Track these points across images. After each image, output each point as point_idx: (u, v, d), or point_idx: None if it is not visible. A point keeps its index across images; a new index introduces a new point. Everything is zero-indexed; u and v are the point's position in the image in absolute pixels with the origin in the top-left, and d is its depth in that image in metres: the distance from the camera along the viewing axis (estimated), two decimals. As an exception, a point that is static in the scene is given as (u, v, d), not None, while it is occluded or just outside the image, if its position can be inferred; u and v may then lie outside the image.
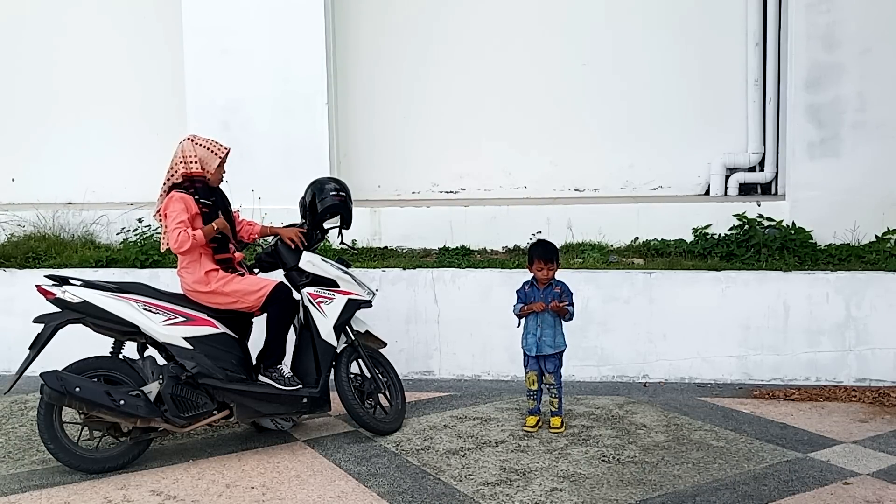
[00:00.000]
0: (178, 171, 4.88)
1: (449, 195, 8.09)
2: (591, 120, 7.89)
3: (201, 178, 4.91)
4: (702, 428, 5.22)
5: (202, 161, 4.91)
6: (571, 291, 5.21)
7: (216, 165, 4.96)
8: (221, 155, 4.99)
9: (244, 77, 7.38)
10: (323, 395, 4.99)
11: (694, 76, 7.76)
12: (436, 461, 4.72)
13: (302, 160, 7.24)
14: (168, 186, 4.91)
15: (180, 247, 4.69)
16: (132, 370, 4.70)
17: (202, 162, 4.91)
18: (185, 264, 4.86)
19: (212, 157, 4.94)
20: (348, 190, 5.32)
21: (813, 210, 6.75)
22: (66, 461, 4.54)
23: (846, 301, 6.09)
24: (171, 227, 4.72)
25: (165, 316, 4.71)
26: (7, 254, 6.91)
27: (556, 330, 5.16)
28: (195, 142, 4.95)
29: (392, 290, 6.44)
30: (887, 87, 6.68)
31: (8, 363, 6.40)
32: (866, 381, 6.09)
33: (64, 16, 8.44)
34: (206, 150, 4.93)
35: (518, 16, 7.94)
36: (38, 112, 8.51)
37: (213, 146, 4.97)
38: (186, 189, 4.85)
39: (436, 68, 8.05)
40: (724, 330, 6.20)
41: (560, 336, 5.18)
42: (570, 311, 5.17)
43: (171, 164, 4.93)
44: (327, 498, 4.26)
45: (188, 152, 4.90)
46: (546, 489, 4.31)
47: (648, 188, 7.88)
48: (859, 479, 4.40)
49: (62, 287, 4.61)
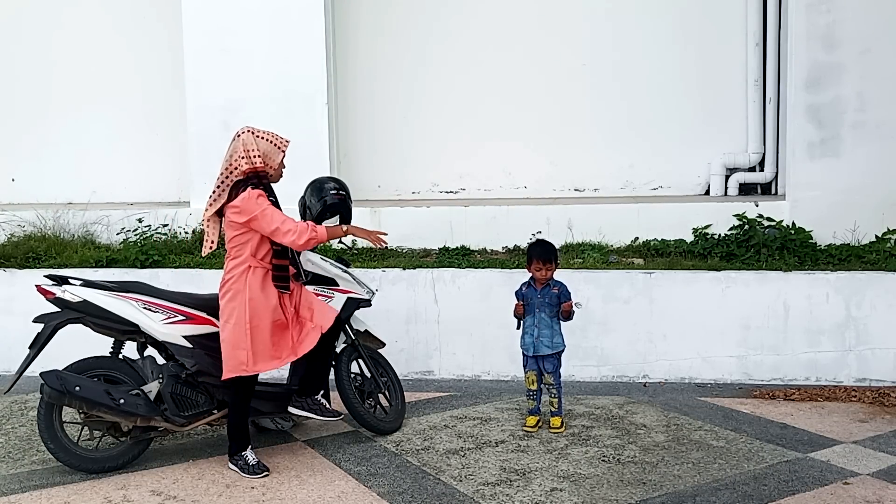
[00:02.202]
0: (238, 167, 4.41)
1: (449, 195, 8.09)
2: (591, 120, 7.89)
3: (264, 173, 4.49)
4: (702, 428, 5.22)
5: (265, 155, 4.45)
6: (570, 292, 5.20)
7: (279, 160, 4.55)
8: (284, 148, 4.54)
9: (244, 77, 7.38)
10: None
11: (694, 76, 7.76)
12: (436, 461, 4.72)
13: (302, 160, 7.17)
14: (228, 184, 4.44)
15: (299, 238, 4.34)
16: (132, 370, 4.70)
17: (265, 156, 4.45)
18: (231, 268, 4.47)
19: (275, 151, 4.51)
20: (348, 189, 5.32)
21: (813, 210, 6.75)
22: (66, 461, 4.53)
23: (846, 301, 6.09)
24: (278, 219, 4.34)
25: (165, 314, 4.70)
26: (7, 254, 6.91)
27: (553, 330, 5.15)
28: (256, 134, 4.46)
29: (392, 290, 6.44)
30: (887, 87, 6.68)
31: (8, 363, 6.39)
32: (866, 381, 6.09)
33: (63, 15, 8.45)
34: (269, 143, 4.48)
35: (518, 16, 7.94)
36: (38, 112, 8.52)
37: (276, 139, 4.52)
38: (255, 186, 4.40)
39: (436, 68, 8.05)
40: (724, 330, 6.20)
41: (558, 336, 5.17)
42: (576, 308, 5.19)
43: (228, 159, 4.46)
44: (327, 498, 4.26)
45: (250, 146, 4.42)
46: (546, 489, 4.31)
47: (648, 188, 7.88)
48: (859, 479, 4.39)
49: (62, 287, 4.61)
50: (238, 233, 4.45)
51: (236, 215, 4.40)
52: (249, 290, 4.42)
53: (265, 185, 4.51)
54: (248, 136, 4.46)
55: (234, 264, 4.48)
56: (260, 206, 4.35)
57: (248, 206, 4.36)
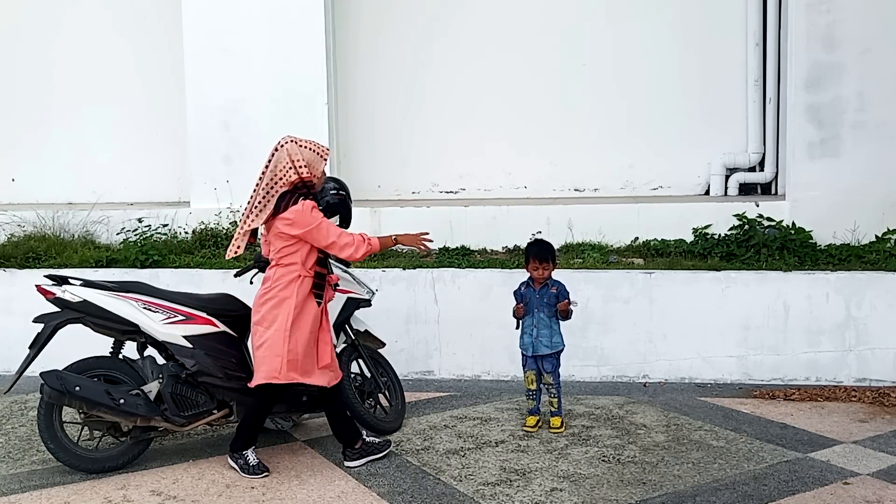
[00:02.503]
0: (285, 178, 4.36)
1: (449, 195, 8.09)
2: (590, 120, 7.89)
3: (311, 183, 4.47)
4: (702, 428, 5.22)
5: (309, 165, 4.41)
6: (568, 291, 5.19)
7: (322, 169, 4.51)
8: (326, 157, 4.52)
9: (244, 77, 7.38)
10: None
11: (694, 76, 7.76)
12: (436, 461, 4.72)
13: (302, 160, 7.23)
14: (274, 195, 4.38)
15: (356, 252, 4.38)
16: (132, 370, 4.70)
17: (309, 166, 4.41)
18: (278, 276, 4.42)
19: (318, 160, 4.46)
20: (348, 189, 5.32)
21: (813, 210, 6.75)
22: (66, 461, 4.53)
23: (846, 301, 6.09)
24: (335, 232, 4.35)
25: (165, 314, 4.70)
26: (7, 254, 6.91)
27: (552, 330, 5.14)
28: (299, 143, 4.43)
29: (392, 290, 6.44)
30: (887, 87, 6.68)
31: (8, 363, 6.39)
32: (866, 381, 6.09)
33: (64, 15, 8.45)
34: (312, 152, 4.44)
35: (518, 16, 7.94)
36: (38, 112, 8.52)
37: (318, 148, 4.49)
38: (304, 196, 4.39)
39: (436, 68, 8.06)
40: (724, 330, 6.20)
41: (557, 336, 5.16)
42: (570, 311, 5.17)
43: (274, 169, 4.40)
44: (327, 498, 4.26)
45: (296, 156, 4.38)
46: (546, 489, 4.31)
47: (648, 188, 7.88)
48: (859, 479, 4.39)
49: (62, 287, 4.61)
50: (288, 244, 4.39)
51: (289, 227, 4.35)
52: (296, 298, 4.40)
53: (314, 196, 4.49)
54: (293, 146, 4.42)
55: (283, 273, 4.42)
56: (316, 220, 4.35)
57: (303, 218, 4.32)
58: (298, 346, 4.40)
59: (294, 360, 4.40)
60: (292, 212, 4.34)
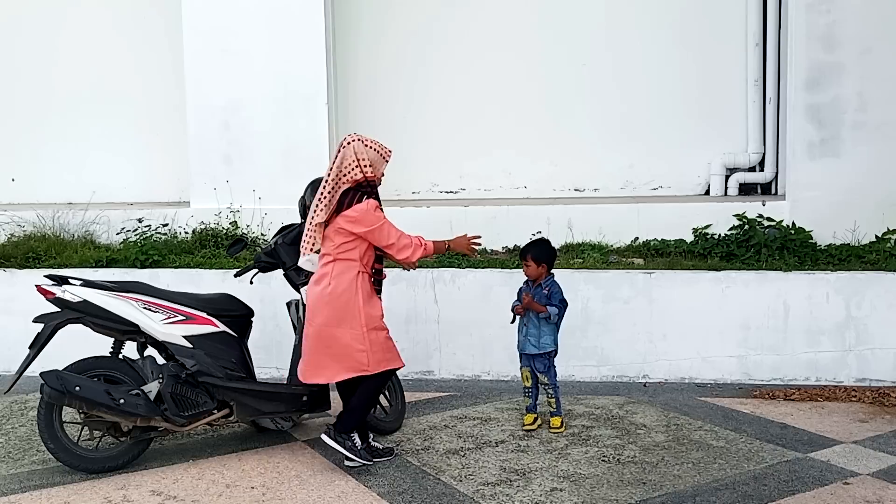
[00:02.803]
0: (350, 176, 4.43)
1: (449, 195, 8.09)
2: (591, 120, 7.89)
3: (373, 181, 4.53)
4: (702, 428, 5.22)
5: (373, 164, 4.49)
6: (560, 291, 5.12)
7: (383, 170, 4.60)
8: (388, 158, 4.59)
9: (244, 77, 7.38)
10: (322, 394, 4.99)
11: (694, 76, 7.76)
12: (436, 461, 4.72)
13: (302, 160, 7.24)
14: (338, 191, 4.44)
15: (413, 255, 4.49)
16: (132, 370, 4.70)
17: (373, 165, 4.49)
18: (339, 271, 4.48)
19: (380, 161, 4.55)
20: (348, 189, 5.31)
21: (813, 210, 6.75)
22: (66, 461, 4.54)
23: (846, 301, 6.09)
24: (395, 234, 4.46)
25: (165, 314, 4.71)
26: (7, 254, 6.91)
27: (540, 330, 5.10)
28: (365, 143, 4.49)
29: (392, 290, 6.42)
30: (887, 87, 6.68)
31: (8, 363, 6.39)
32: (866, 381, 6.09)
33: (64, 15, 8.45)
34: (376, 152, 4.52)
35: (518, 16, 7.94)
36: (38, 112, 8.52)
37: (381, 148, 4.55)
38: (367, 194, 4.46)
39: (436, 68, 8.05)
40: (724, 330, 6.20)
41: (546, 337, 5.10)
42: (551, 312, 5.04)
43: (339, 166, 4.45)
44: (327, 498, 4.26)
45: (361, 154, 4.44)
46: (546, 489, 4.31)
47: (648, 188, 7.88)
48: (859, 479, 4.39)
49: (62, 286, 4.61)
50: (348, 240, 4.47)
51: (352, 224, 4.42)
52: (362, 294, 4.48)
53: (376, 195, 4.54)
54: (359, 145, 4.48)
55: (342, 269, 4.48)
56: (379, 220, 4.44)
57: (367, 217, 4.41)
58: (380, 339, 4.56)
59: (378, 350, 4.54)
60: (357, 210, 4.41)
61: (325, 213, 4.46)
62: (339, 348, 4.51)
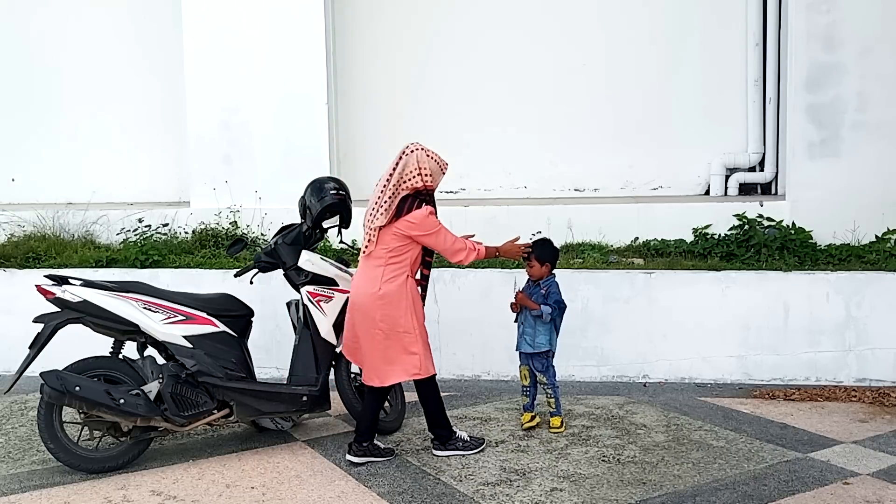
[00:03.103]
0: (410, 183, 4.58)
1: (449, 195, 8.08)
2: (590, 120, 7.89)
3: (431, 190, 4.68)
4: (702, 428, 5.22)
5: (433, 174, 4.66)
6: (558, 292, 5.10)
7: (439, 181, 4.78)
8: (445, 170, 4.78)
9: (244, 77, 7.39)
10: (323, 394, 4.99)
11: (694, 76, 7.76)
12: (436, 461, 4.72)
13: (302, 160, 7.24)
14: (398, 197, 4.59)
15: (466, 258, 4.66)
16: (132, 370, 4.71)
17: (432, 175, 4.66)
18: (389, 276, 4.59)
19: (438, 172, 4.73)
20: (348, 189, 5.32)
21: (813, 210, 6.75)
22: (66, 461, 4.54)
23: (846, 301, 6.09)
24: (450, 238, 4.62)
25: (165, 314, 4.71)
26: (7, 254, 6.91)
27: (536, 330, 5.09)
28: (427, 153, 4.67)
29: (392, 290, 6.43)
30: (887, 87, 6.68)
31: (8, 363, 6.38)
32: (866, 381, 6.09)
33: (64, 16, 8.45)
34: (436, 163, 4.69)
35: (518, 17, 7.94)
36: (38, 112, 8.52)
37: (440, 160, 4.74)
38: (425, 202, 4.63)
39: (436, 68, 8.05)
40: (724, 330, 6.20)
41: (541, 336, 5.09)
42: (544, 311, 5.03)
43: (400, 173, 4.59)
44: (327, 498, 4.26)
45: (423, 164, 4.60)
46: (546, 489, 4.31)
47: (648, 188, 7.88)
48: (859, 479, 4.39)
49: (62, 286, 4.61)
50: (403, 243, 4.60)
51: (410, 228, 4.57)
52: (411, 296, 4.62)
53: (432, 202, 4.68)
54: (422, 154, 4.63)
55: (393, 272, 4.59)
56: (435, 225, 4.60)
57: (425, 223, 4.57)
58: (427, 340, 4.72)
59: (427, 353, 4.70)
60: (416, 216, 4.56)
61: (385, 216, 4.57)
62: (395, 352, 4.61)
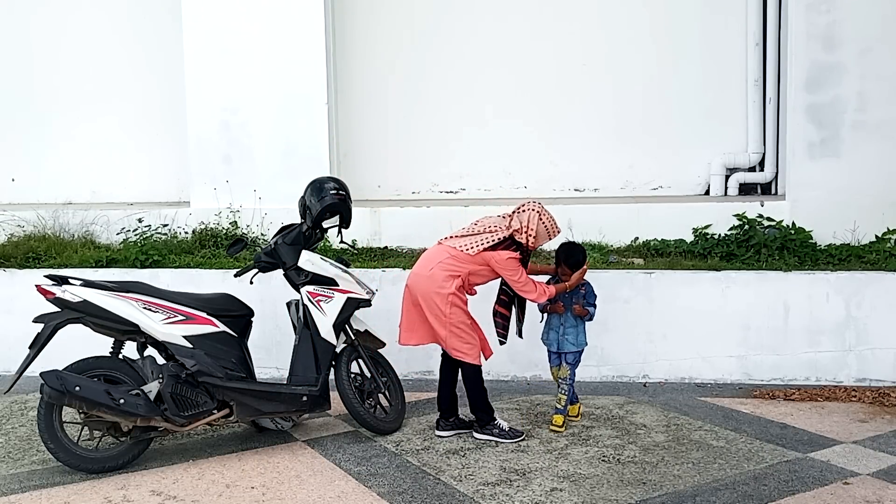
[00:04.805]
0: (508, 233, 4.97)
1: (449, 195, 8.09)
2: (590, 120, 7.90)
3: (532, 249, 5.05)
4: (702, 428, 5.22)
5: (538, 236, 4.99)
6: (595, 293, 5.26)
7: (542, 244, 5.08)
8: (554, 236, 5.08)
9: (244, 77, 7.39)
10: (323, 394, 4.99)
11: (694, 76, 7.76)
12: (436, 461, 4.72)
13: (302, 160, 7.25)
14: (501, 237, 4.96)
15: (537, 299, 5.01)
16: (132, 370, 4.70)
17: (537, 237, 4.99)
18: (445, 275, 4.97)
19: (544, 237, 5.03)
20: (347, 189, 5.32)
21: (813, 210, 6.75)
22: (66, 461, 4.53)
23: (846, 301, 6.09)
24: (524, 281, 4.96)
25: (165, 314, 4.71)
26: (7, 254, 6.91)
27: (578, 329, 5.23)
28: (541, 217, 5.00)
29: (392, 290, 6.41)
30: (887, 87, 6.69)
31: (8, 363, 6.39)
32: (866, 381, 6.09)
33: (64, 16, 8.45)
34: (545, 228, 5.01)
35: (518, 17, 7.95)
36: (38, 112, 8.52)
37: (552, 228, 5.04)
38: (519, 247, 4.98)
39: (435, 68, 8.06)
40: (724, 330, 6.20)
41: (582, 335, 5.25)
42: (591, 313, 5.24)
43: (517, 222, 4.99)
44: (327, 498, 4.26)
45: (532, 224, 4.97)
46: (546, 489, 4.31)
47: (648, 188, 7.88)
48: (859, 479, 4.39)
49: (62, 286, 4.60)
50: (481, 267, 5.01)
51: (495, 264, 4.96)
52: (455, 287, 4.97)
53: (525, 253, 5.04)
54: (536, 216, 5.01)
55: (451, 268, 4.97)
56: (516, 270, 4.97)
57: (508, 265, 4.96)
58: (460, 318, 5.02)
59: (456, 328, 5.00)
60: (504, 259, 4.94)
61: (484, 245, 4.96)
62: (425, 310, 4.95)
